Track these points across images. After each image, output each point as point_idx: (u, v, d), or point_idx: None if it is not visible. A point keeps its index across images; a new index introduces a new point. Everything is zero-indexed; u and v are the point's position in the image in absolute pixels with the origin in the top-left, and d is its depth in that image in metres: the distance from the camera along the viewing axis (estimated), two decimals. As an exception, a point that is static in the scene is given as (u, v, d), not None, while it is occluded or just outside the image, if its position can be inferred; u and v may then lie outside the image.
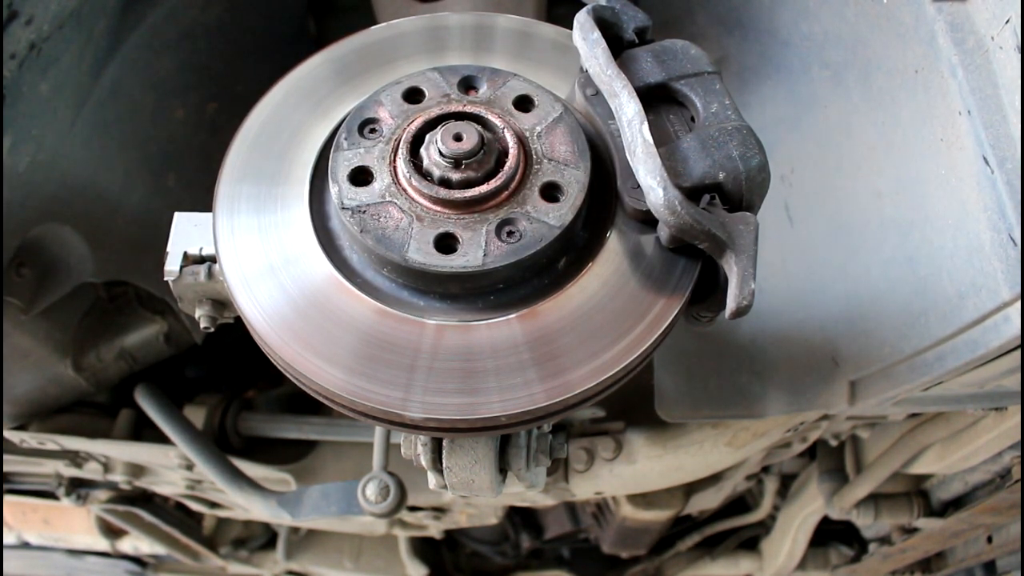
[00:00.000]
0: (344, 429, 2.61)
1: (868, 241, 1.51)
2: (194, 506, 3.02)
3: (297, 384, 1.10)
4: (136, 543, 3.67)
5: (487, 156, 1.05)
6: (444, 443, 1.27)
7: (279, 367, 1.11)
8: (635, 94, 1.04)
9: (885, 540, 3.18)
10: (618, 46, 1.12)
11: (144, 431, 2.60)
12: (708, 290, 1.10)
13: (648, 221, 1.07)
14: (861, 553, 3.44)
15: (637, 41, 1.14)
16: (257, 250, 1.10)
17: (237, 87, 2.26)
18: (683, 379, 2.08)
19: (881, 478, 2.56)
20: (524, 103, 1.13)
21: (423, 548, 3.58)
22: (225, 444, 2.64)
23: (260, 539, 3.74)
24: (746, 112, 1.10)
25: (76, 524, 3.52)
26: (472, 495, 1.34)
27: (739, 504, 3.51)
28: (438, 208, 1.04)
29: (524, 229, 1.03)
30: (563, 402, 1.03)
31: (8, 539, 3.78)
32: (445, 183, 1.05)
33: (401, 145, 1.07)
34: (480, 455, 1.27)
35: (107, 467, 2.78)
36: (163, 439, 2.42)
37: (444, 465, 1.28)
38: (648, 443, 2.35)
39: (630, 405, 2.42)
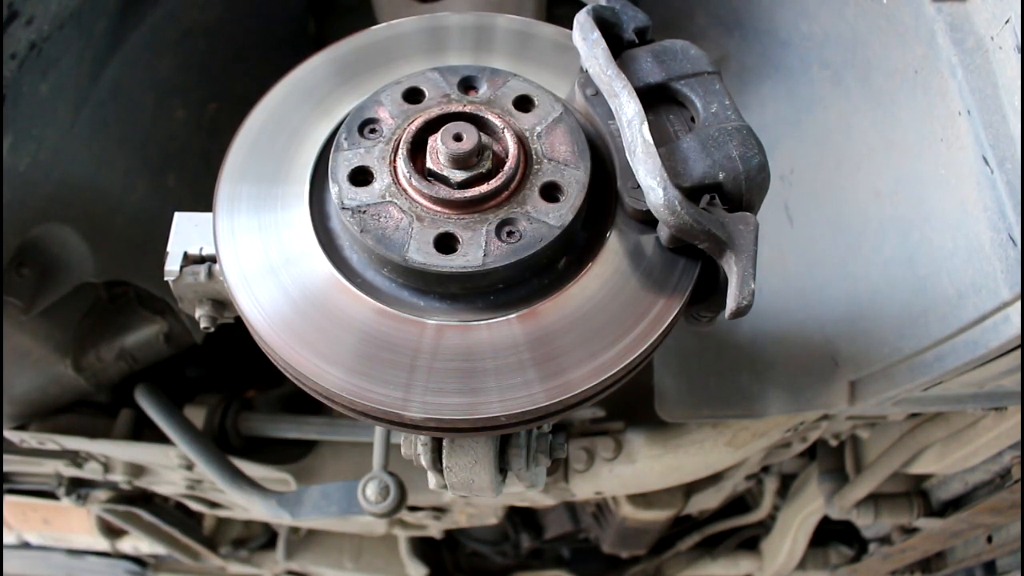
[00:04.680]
0: (344, 429, 2.61)
1: (868, 241, 1.51)
2: (194, 506, 3.02)
3: (297, 384, 1.10)
4: (136, 543, 3.67)
5: (487, 156, 1.05)
6: (444, 443, 1.27)
7: (279, 367, 1.11)
8: (635, 94, 1.04)
9: (885, 540, 3.18)
10: (618, 46, 1.12)
11: (144, 431, 2.60)
12: (708, 290, 1.10)
13: (648, 221, 1.07)
14: (861, 553, 3.44)
15: (637, 41, 1.14)
16: (257, 250, 1.11)
17: (237, 87, 2.26)
18: (683, 379, 2.08)
19: (881, 478, 2.56)
20: (524, 103, 1.13)
21: (423, 548, 3.58)
22: (225, 444, 2.63)
23: (260, 539, 3.74)
24: (746, 112, 1.10)
25: (76, 524, 3.52)
26: (472, 495, 1.34)
27: (739, 504, 3.51)
28: (438, 208, 1.04)
29: (524, 229, 1.03)
30: (563, 402, 1.03)
31: (8, 539, 3.78)
32: (445, 183, 1.05)
33: (401, 145, 1.07)
34: (480, 455, 1.27)
35: (107, 467, 2.78)
36: (163, 439, 2.42)
37: (444, 465, 1.28)
38: (648, 443, 2.35)
39: (630, 405, 2.42)
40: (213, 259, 1.23)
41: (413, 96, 1.13)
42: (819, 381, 1.67)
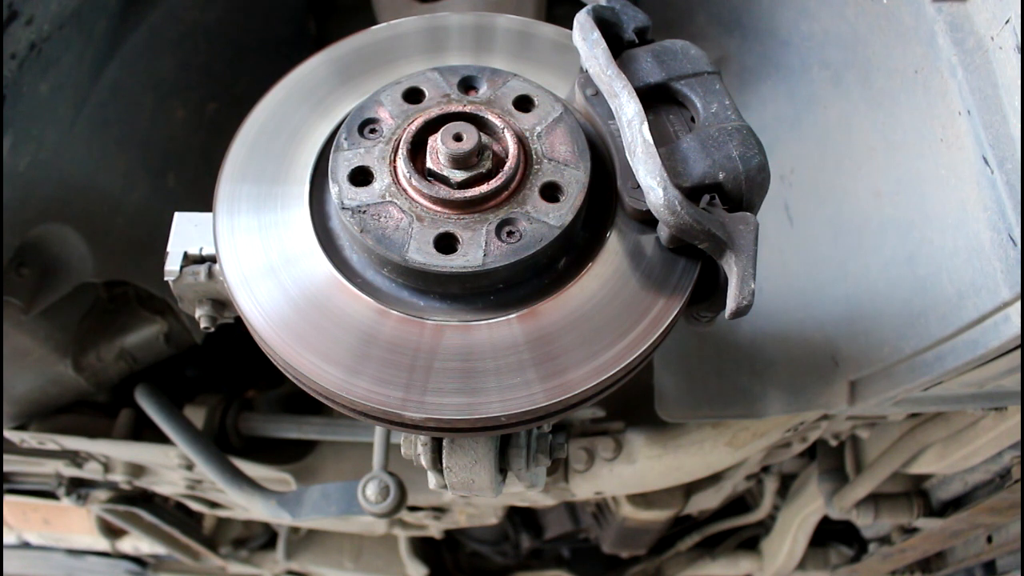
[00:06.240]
0: (344, 429, 2.61)
1: (868, 241, 1.51)
2: (194, 506, 3.02)
3: (297, 384, 1.10)
4: (136, 543, 3.68)
5: (487, 156, 1.05)
6: (444, 443, 1.27)
7: (279, 367, 1.11)
8: (635, 94, 1.04)
9: (885, 540, 3.18)
10: (618, 46, 1.12)
11: (144, 431, 2.60)
12: (708, 290, 1.10)
13: (648, 221, 1.07)
14: (861, 553, 3.44)
15: (637, 41, 1.14)
16: (257, 250, 1.11)
17: (237, 87, 2.26)
18: (683, 379, 2.08)
19: (881, 478, 2.56)
20: (524, 103, 1.13)
21: (423, 548, 3.58)
22: (225, 444, 2.64)
23: (260, 539, 3.74)
24: (746, 112, 1.10)
25: (76, 524, 3.53)
26: (472, 495, 1.34)
27: (739, 504, 3.51)
28: (438, 208, 1.04)
29: (524, 229, 1.03)
30: (563, 402, 1.03)
31: (8, 539, 3.78)
32: (445, 183, 1.05)
33: (401, 145, 1.07)
34: (480, 455, 1.27)
35: (107, 467, 2.78)
36: (163, 439, 2.42)
37: (444, 465, 1.28)
38: (648, 443, 2.35)
39: (630, 405, 2.42)
40: (213, 259, 1.23)
41: (413, 96, 1.13)
42: (819, 381, 1.67)
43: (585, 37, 1.10)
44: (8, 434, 2.49)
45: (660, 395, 2.11)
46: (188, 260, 1.24)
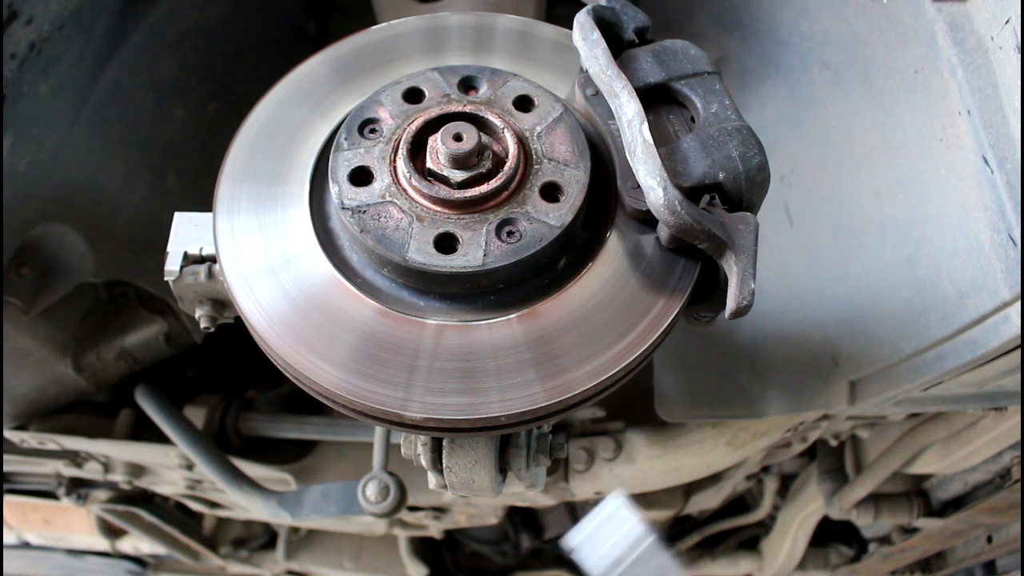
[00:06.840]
0: (344, 429, 2.61)
1: (868, 241, 1.51)
2: (194, 506, 3.02)
3: (297, 384, 1.10)
4: (136, 543, 3.68)
5: (487, 156, 1.05)
6: (444, 443, 1.27)
7: (279, 367, 1.11)
8: (635, 94, 1.04)
9: (885, 540, 3.18)
10: (618, 46, 1.12)
11: (144, 431, 2.60)
12: (708, 290, 1.10)
13: (648, 221, 1.07)
14: (861, 553, 3.44)
15: (637, 41, 1.14)
16: (257, 250, 1.11)
17: (237, 87, 2.26)
18: (683, 379, 2.08)
19: (881, 478, 2.56)
20: (524, 103, 1.13)
21: (423, 548, 3.58)
22: (225, 444, 2.64)
23: (260, 539, 3.74)
24: (746, 112, 1.10)
25: (76, 524, 3.53)
26: (472, 495, 1.34)
27: (739, 504, 3.50)
28: (438, 208, 1.04)
29: (524, 229, 1.03)
30: (563, 402, 1.03)
31: (8, 539, 3.78)
32: (445, 183, 1.05)
33: (401, 145, 1.07)
34: (480, 455, 1.27)
35: (107, 467, 2.78)
36: (163, 439, 2.42)
37: (444, 465, 1.28)
38: (648, 443, 2.35)
39: (630, 405, 2.42)
40: (213, 259, 1.23)
41: (413, 96, 1.13)
42: (819, 381, 1.67)
43: (585, 37, 1.10)
44: (8, 434, 2.49)
45: (660, 395, 2.11)
46: (188, 260, 1.24)
